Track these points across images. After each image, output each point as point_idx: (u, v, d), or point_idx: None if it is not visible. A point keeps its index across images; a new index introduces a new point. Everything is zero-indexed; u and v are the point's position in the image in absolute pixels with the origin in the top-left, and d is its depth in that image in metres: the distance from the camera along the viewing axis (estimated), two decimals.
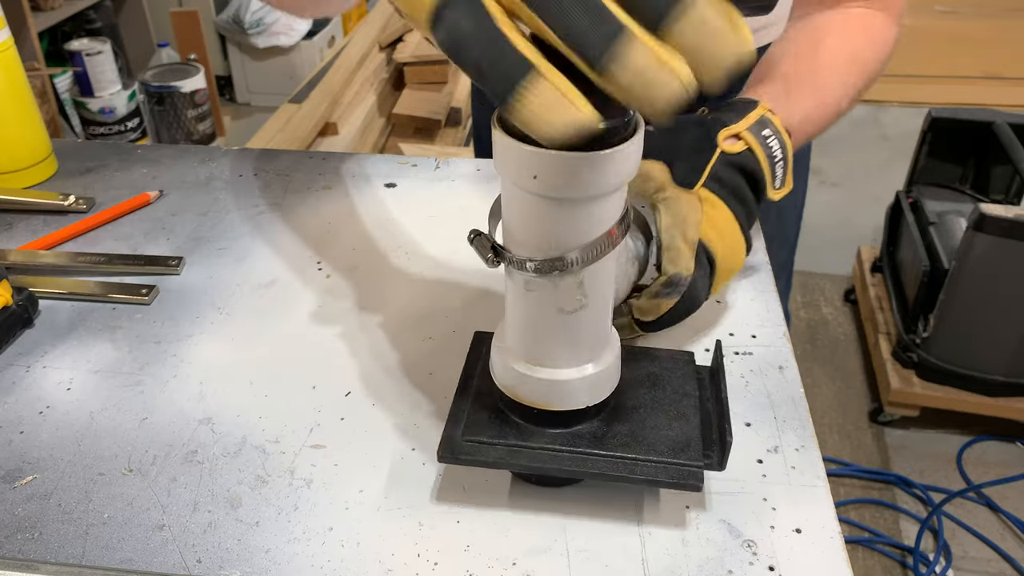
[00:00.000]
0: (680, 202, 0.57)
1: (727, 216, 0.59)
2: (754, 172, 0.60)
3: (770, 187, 0.61)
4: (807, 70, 0.68)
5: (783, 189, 0.62)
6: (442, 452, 0.49)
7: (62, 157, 0.90)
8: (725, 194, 0.59)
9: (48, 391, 0.61)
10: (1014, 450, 1.88)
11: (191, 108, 2.65)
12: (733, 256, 0.59)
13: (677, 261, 0.55)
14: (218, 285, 0.72)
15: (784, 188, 0.62)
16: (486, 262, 0.45)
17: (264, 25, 3.13)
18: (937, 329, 1.81)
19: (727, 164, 0.60)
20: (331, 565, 0.48)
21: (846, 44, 0.70)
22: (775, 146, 0.61)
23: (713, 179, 0.59)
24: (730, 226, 0.59)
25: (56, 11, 2.62)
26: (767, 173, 0.60)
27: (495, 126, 0.41)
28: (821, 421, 1.98)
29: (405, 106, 2.35)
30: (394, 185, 0.86)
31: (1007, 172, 2.04)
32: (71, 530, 0.50)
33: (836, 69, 0.69)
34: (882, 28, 0.72)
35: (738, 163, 0.60)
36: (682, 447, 0.49)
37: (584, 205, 0.41)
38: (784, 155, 0.61)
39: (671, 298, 0.57)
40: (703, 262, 0.57)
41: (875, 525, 1.74)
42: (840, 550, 0.49)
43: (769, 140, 0.61)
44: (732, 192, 0.60)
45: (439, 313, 0.68)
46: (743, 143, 0.60)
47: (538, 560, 0.48)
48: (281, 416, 0.58)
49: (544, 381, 0.48)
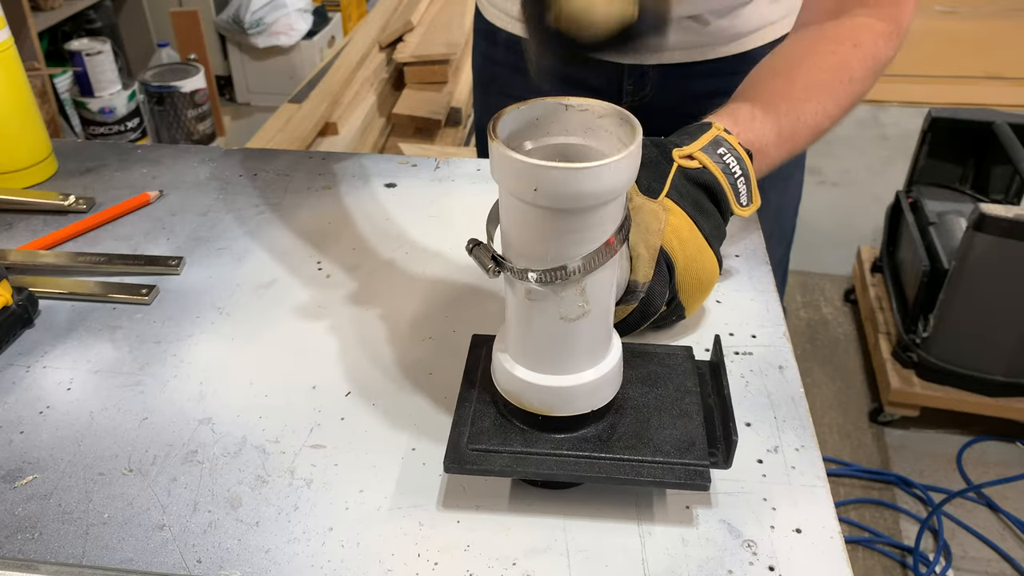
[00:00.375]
0: (644, 211, 0.57)
1: (689, 225, 0.60)
2: (711, 186, 0.61)
3: (734, 203, 0.62)
4: (782, 88, 0.68)
5: (751, 206, 0.63)
6: (448, 462, 0.48)
7: (62, 157, 0.90)
8: (686, 205, 0.60)
9: (48, 391, 0.61)
10: (1014, 450, 1.88)
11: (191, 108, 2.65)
12: (695, 265, 0.60)
13: (636, 269, 0.56)
14: (218, 285, 0.72)
15: (752, 205, 0.63)
16: (486, 272, 0.45)
17: (264, 25, 3.13)
18: (937, 329, 1.81)
19: (685, 178, 0.61)
20: (331, 565, 0.48)
21: (830, 60, 0.69)
22: (732, 163, 0.62)
23: (673, 191, 0.60)
24: (692, 235, 0.60)
25: (56, 11, 2.62)
26: (727, 188, 0.61)
27: (492, 138, 0.41)
28: (821, 421, 1.98)
29: (405, 106, 2.35)
30: (394, 185, 0.86)
31: (1007, 172, 2.04)
32: (71, 530, 0.50)
33: (817, 88, 0.68)
34: (878, 42, 0.70)
35: (694, 177, 0.61)
36: (687, 446, 0.49)
37: (585, 214, 0.41)
38: (744, 172, 0.62)
39: (628, 304, 0.57)
40: (663, 270, 0.58)
41: (875, 525, 1.74)
42: (840, 550, 0.49)
43: (725, 157, 0.61)
44: (693, 204, 0.61)
45: (439, 313, 0.68)
46: (697, 162, 0.61)
47: (538, 560, 0.48)
48: (281, 416, 0.58)
49: (548, 388, 0.48)
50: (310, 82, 2.41)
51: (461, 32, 2.49)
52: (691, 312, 0.63)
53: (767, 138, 0.66)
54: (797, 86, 0.68)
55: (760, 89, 0.69)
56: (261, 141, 2.13)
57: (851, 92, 0.69)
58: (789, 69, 0.70)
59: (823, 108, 0.68)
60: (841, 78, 0.69)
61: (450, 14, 2.66)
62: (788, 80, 0.69)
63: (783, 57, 0.71)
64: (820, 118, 0.68)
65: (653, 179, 0.60)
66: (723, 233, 0.63)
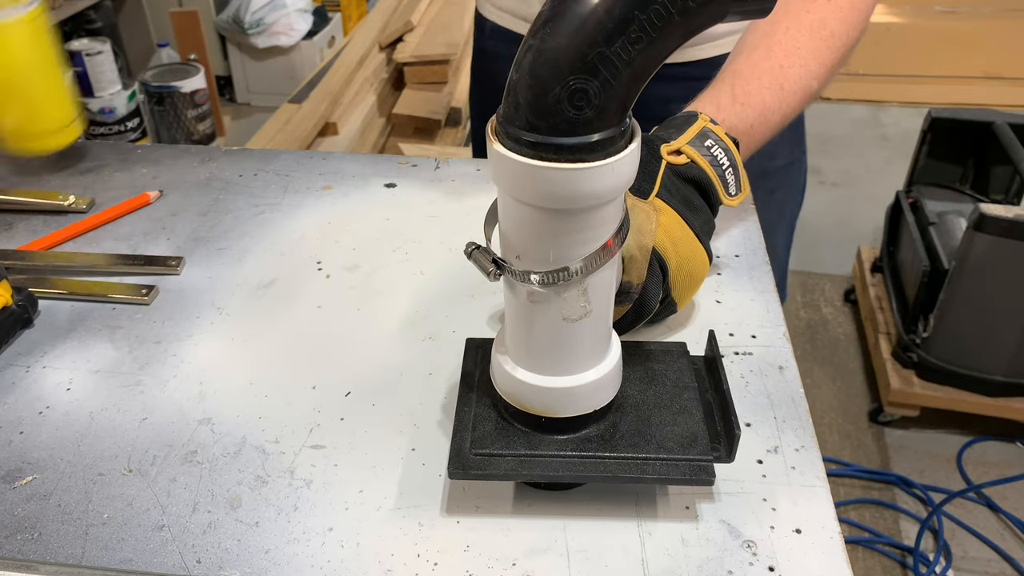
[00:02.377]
0: (636, 211, 0.57)
1: (680, 224, 0.60)
2: (700, 180, 0.61)
3: (723, 194, 0.62)
4: (762, 60, 0.68)
5: (739, 195, 0.63)
6: (452, 468, 0.48)
7: (62, 157, 0.90)
8: (676, 203, 0.60)
9: (48, 391, 0.61)
10: (1014, 450, 1.88)
11: (191, 108, 2.65)
12: (688, 264, 0.60)
13: (630, 270, 0.56)
14: (218, 285, 0.72)
15: (740, 194, 0.63)
16: (487, 276, 0.45)
17: (264, 25, 3.13)
18: (937, 329, 1.81)
19: (673, 175, 0.61)
20: (331, 565, 0.48)
21: (805, 21, 0.69)
22: (719, 154, 0.62)
23: (663, 189, 0.60)
24: (684, 234, 0.60)
25: (56, 11, 2.62)
26: (715, 181, 0.62)
27: (491, 139, 0.41)
28: (821, 421, 1.98)
29: (405, 106, 2.35)
30: (394, 185, 0.86)
31: (1007, 172, 2.04)
32: (71, 530, 0.50)
33: (796, 52, 0.68)
34: None
35: (683, 173, 0.61)
36: (690, 442, 0.49)
37: (586, 215, 0.41)
38: (732, 162, 0.62)
39: (623, 306, 0.57)
40: (655, 270, 0.58)
41: (875, 525, 1.74)
42: (840, 550, 0.49)
43: (712, 149, 0.62)
44: (682, 201, 0.61)
45: (439, 313, 0.68)
46: (685, 156, 0.61)
47: (538, 560, 0.48)
48: (281, 416, 0.58)
49: (551, 389, 0.48)
50: (310, 82, 2.41)
51: (461, 32, 2.49)
52: (683, 306, 0.63)
53: (751, 117, 0.66)
54: (776, 54, 0.68)
55: (740, 66, 0.68)
56: (261, 141, 2.13)
57: (833, 47, 0.69)
58: (766, 38, 0.69)
59: (807, 70, 0.68)
60: (821, 35, 0.69)
61: (450, 14, 2.66)
62: (767, 51, 0.68)
63: (758, 28, 0.71)
64: (807, 80, 0.68)
65: (643, 179, 0.60)
66: (712, 226, 0.63)
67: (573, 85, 0.38)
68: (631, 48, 0.38)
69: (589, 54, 0.38)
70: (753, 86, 0.66)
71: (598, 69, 0.38)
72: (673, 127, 0.63)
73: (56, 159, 0.90)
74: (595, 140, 0.39)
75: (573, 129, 0.39)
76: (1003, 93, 3.29)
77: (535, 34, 0.39)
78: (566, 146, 0.39)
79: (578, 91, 0.38)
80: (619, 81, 0.38)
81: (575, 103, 0.38)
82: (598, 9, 0.37)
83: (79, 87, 2.57)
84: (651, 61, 0.39)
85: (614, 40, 0.37)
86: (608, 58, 0.38)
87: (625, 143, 0.40)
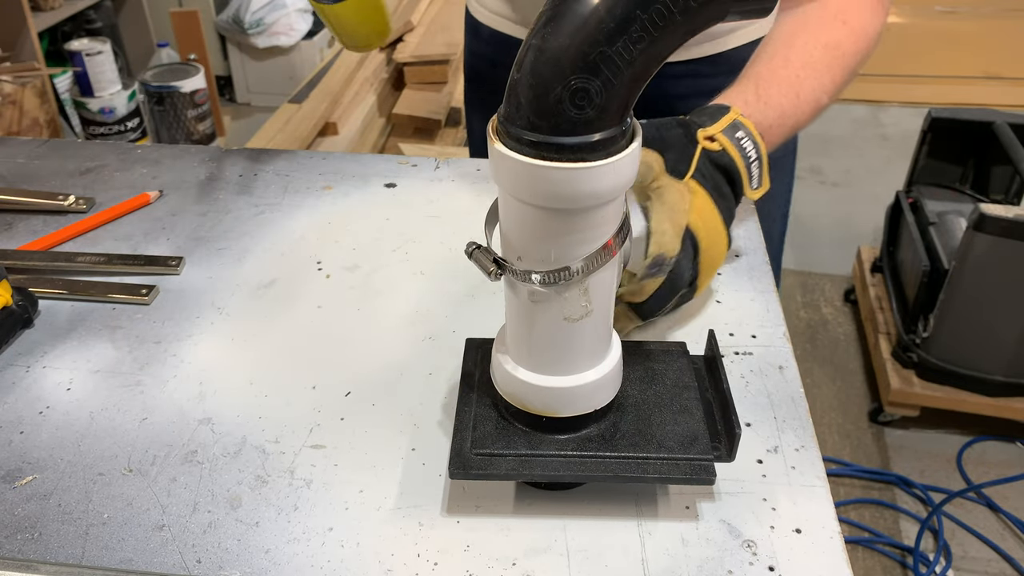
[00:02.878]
0: (671, 190, 0.59)
1: (711, 207, 0.61)
2: (730, 170, 0.63)
3: (747, 186, 0.64)
4: (780, 68, 0.70)
5: (760, 189, 0.65)
6: (453, 469, 0.48)
7: (62, 157, 0.90)
8: (708, 187, 0.62)
9: (48, 391, 0.61)
10: (1014, 450, 1.88)
11: (191, 108, 2.65)
12: (715, 245, 0.61)
13: (663, 243, 0.57)
14: (218, 285, 0.72)
15: (761, 188, 0.65)
16: (488, 276, 0.45)
17: (264, 25, 3.13)
18: (937, 329, 1.80)
19: (707, 161, 0.63)
20: (331, 565, 0.48)
21: (821, 39, 0.72)
22: (749, 147, 0.64)
23: (698, 173, 0.62)
24: (713, 216, 0.61)
25: (56, 11, 2.62)
26: (743, 172, 0.63)
27: (493, 139, 0.41)
28: (821, 421, 1.98)
29: (405, 106, 2.35)
30: (394, 185, 0.86)
31: (1007, 172, 2.04)
32: (71, 530, 0.50)
33: (812, 65, 0.70)
34: (865, 16, 0.73)
35: (715, 160, 0.63)
36: (690, 441, 0.49)
37: (587, 215, 0.41)
38: (759, 155, 0.64)
39: (656, 278, 0.58)
40: (687, 247, 0.59)
41: (875, 525, 1.74)
42: (840, 550, 0.49)
43: (743, 141, 0.64)
44: (714, 186, 0.62)
45: (439, 313, 0.68)
46: (718, 144, 0.63)
47: (538, 560, 0.48)
48: (281, 416, 0.58)
49: (551, 389, 0.48)
50: (310, 82, 2.41)
51: (461, 32, 2.48)
52: (699, 293, 0.64)
53: (772, 118, 0.68)
54: (794, 64, 0.70)
55: (761, 69, 0.71)
56: (261, 141, 2.13)
57: (845, 66, 0.72)
58: (785, 48, 0.72)
59: (820, 84, 0.70)
60: (834, 54, 0.72)
61: (450, 14, 2.66)
62: (784, 60, 0.71)
63: (776, 39, 0.74)
64: (818, 94, 0.70)
65: (679, 160, 0.61)
66: (733, 216, 0.65)
67: (575, 84, 0.38)
68: (633, 47, 0.38)
69: (591, 53, 0.38)
70: (773, 90, 0.69)
71: (600, 68, 0.38)
72: (706, 115, 0.65)
73: (56, 159, 0.90)
74: (596, 139, 0.39)
75: (574, 128, 0.39)
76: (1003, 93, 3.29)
77: (536, 33, 0.39)
78: (567, 145, 0.39)
79: (580, 90, 0.38)
80: (620, 80, 0.38)
81: (576, 102, 0.38)
82: (599, 8, 0.37)
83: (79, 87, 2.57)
84: (652, 60, 0.39)
85: (616, 39, 0.37)
86: (610, 57, 0.38)
87: (626, 142, 0.40)
